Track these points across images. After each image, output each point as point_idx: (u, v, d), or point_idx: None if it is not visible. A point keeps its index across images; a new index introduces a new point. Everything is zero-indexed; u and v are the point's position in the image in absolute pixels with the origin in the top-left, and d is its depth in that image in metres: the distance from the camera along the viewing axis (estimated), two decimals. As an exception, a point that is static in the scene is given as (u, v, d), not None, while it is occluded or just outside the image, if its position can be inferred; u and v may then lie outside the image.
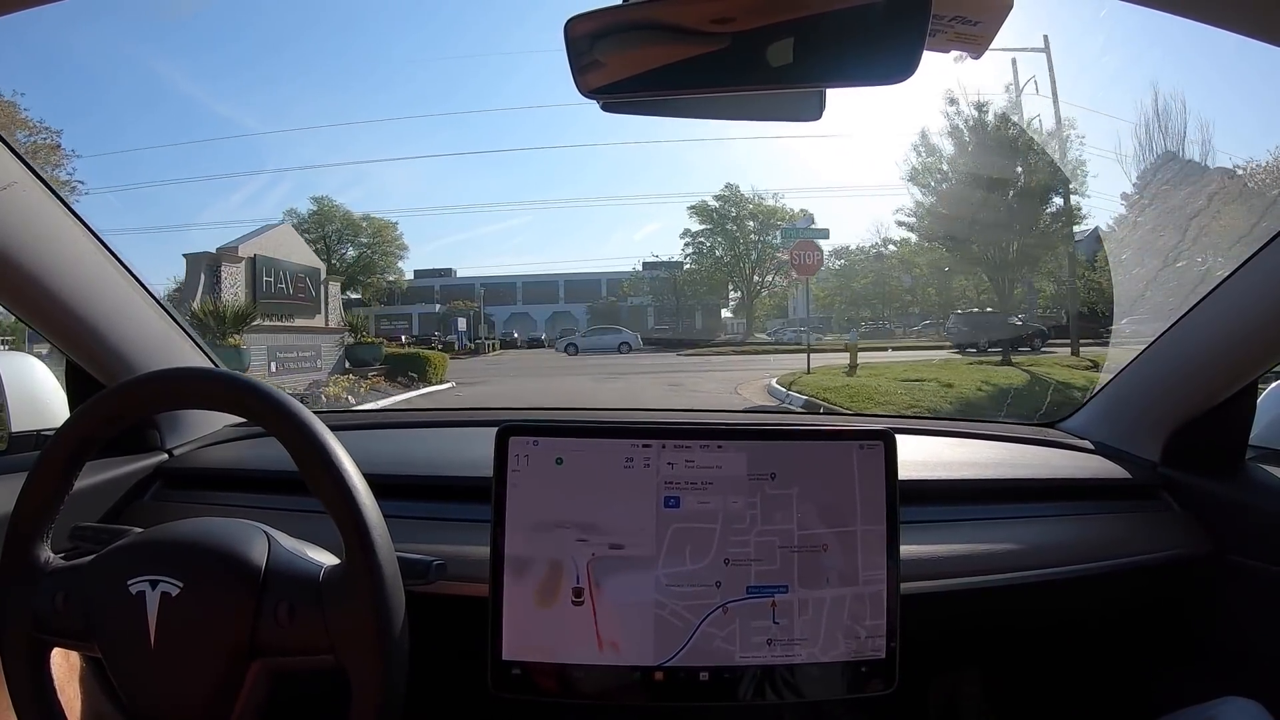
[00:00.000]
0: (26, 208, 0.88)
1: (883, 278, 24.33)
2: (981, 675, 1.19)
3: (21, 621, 0.64)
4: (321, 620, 0.61)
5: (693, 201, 26.97)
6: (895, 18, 0.57)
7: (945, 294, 21.13)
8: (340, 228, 26.20)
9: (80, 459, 0.67)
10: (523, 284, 32.16)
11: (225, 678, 0.61)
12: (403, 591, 0.63)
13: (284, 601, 0.62)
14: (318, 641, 0.61)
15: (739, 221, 26.69)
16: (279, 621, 0.61)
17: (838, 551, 0.79)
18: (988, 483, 1.06)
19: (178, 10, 29.42)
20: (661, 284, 28.66)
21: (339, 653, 0.61)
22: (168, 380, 0.69)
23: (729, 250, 27.01)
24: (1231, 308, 0.96)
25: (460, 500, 0.98)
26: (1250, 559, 0.97)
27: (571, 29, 0.59)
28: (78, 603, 0.64)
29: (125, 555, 0.65)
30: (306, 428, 0.63)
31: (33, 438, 1.05)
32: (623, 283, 29.94)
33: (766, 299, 28.14)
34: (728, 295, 28.54)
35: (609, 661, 0.77)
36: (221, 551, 0.64)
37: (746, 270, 26.83)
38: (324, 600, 0.62)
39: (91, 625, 0.63)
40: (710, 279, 27.65)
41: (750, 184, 28.81)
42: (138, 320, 1.07)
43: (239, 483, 1.08)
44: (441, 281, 30.74)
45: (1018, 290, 15.07)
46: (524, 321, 30.39)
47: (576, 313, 29.81)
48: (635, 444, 0.80)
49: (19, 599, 0.64)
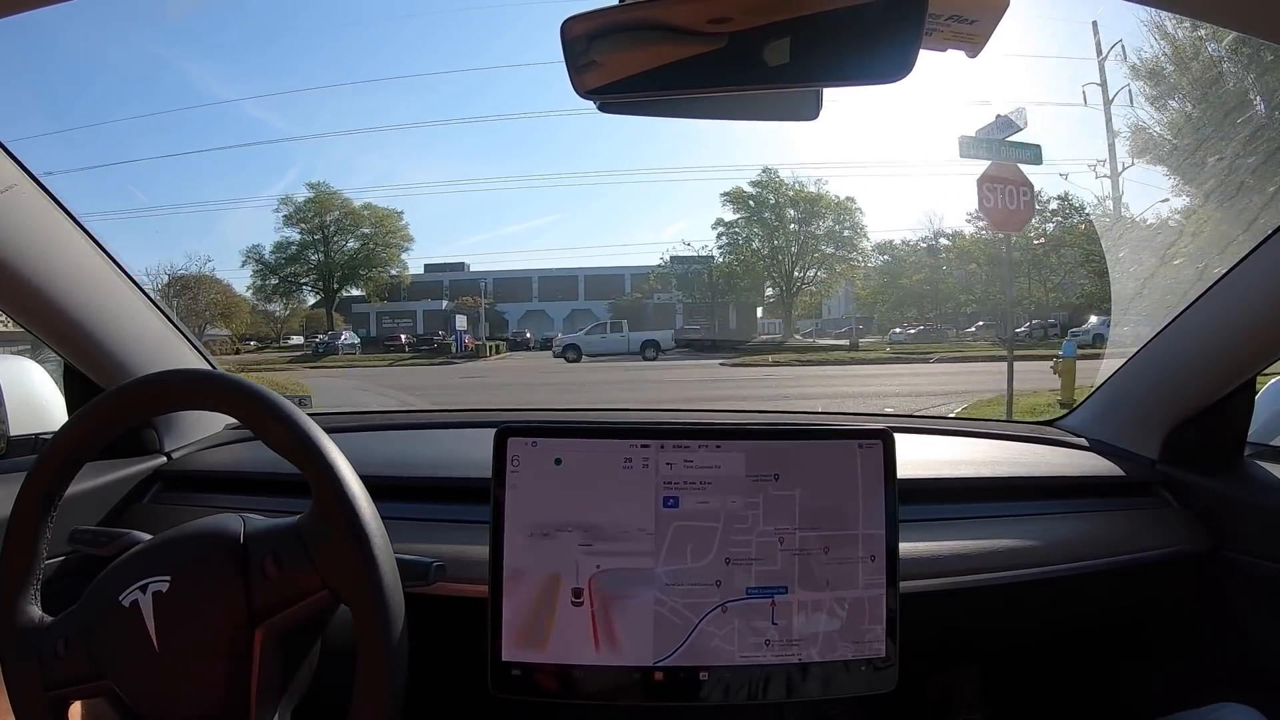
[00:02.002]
0: (24, 211, 0.88)
1: (936, 274, 21.89)
2: (980, 673, 1.19)
3: (32, 684, 0.64)
4: (308, 560, 0.62)
5: (726, 186, 23.82)
6: (892, 17, 0.57)
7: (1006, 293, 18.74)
8: (340, 217, 24.22)
9: (76, 465, 0.67)
10: (539, 279, 28.79)
11: (234, 654, 0.61)
12: (381, 521, 0.63)
13: (268, 554, 0.62)
14: (310, 582, 0.62)
15: (778, 210, 23.60)
16: (267, 575, 0.62)
17: (838, 553, 0.79)
18: (986, 481, 1.06)
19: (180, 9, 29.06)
20: (693, 278, 25.15)
21: (332, 586, 0.61)
22: (164, 383, 0.69)
23: (766, 241, 23.94)
24: (1229, 304, 0.96)
25: (459, 501, 0.98)
26: (1249, 556, 0.98)
27: (568, 29, 0.59)
28: (78, 643, 0.64)
29: (110, 577, 0.65)
30: (300, 428, 0.63)
31: (31, 441, 1.05)
32: (648, 276, 26.45)
33: (806, 297, 24.85)
34: (764, 292, 25.31)
35: (608, 661, 0.77)
36: (200, 537, 0.65)
37: (786, 264, 23.64)
38: (306, 542, 0.62)
39: (97, 660, 0.63)
40: (750, 271, 24.33)
41: (790, 169, 25.01)
42: (135, 323, 1.07)
43: (238, 485, 1.08)
44: (451, 276, 28.07)
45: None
46: (539, 320, 27.11)
47: (597, 310, 25.58)
48: (634, 444, 0.80)
49: (23, 663, 0.64)
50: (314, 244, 23.98)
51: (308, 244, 24.03)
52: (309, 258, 24.10)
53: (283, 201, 24.03)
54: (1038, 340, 16.65)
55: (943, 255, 22.01)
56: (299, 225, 23.80)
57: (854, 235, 23.51)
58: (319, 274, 24.21)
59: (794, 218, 23.63)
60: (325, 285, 24.24)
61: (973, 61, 0.70)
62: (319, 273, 24.19)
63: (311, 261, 24.11)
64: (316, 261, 24.07)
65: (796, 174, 23.82)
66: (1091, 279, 17.04)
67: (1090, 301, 16.73)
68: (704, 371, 13.48)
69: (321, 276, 24.21)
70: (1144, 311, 1.56)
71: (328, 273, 24.05)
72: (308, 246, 24.03)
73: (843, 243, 23.61)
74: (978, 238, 19.87)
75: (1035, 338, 17.37)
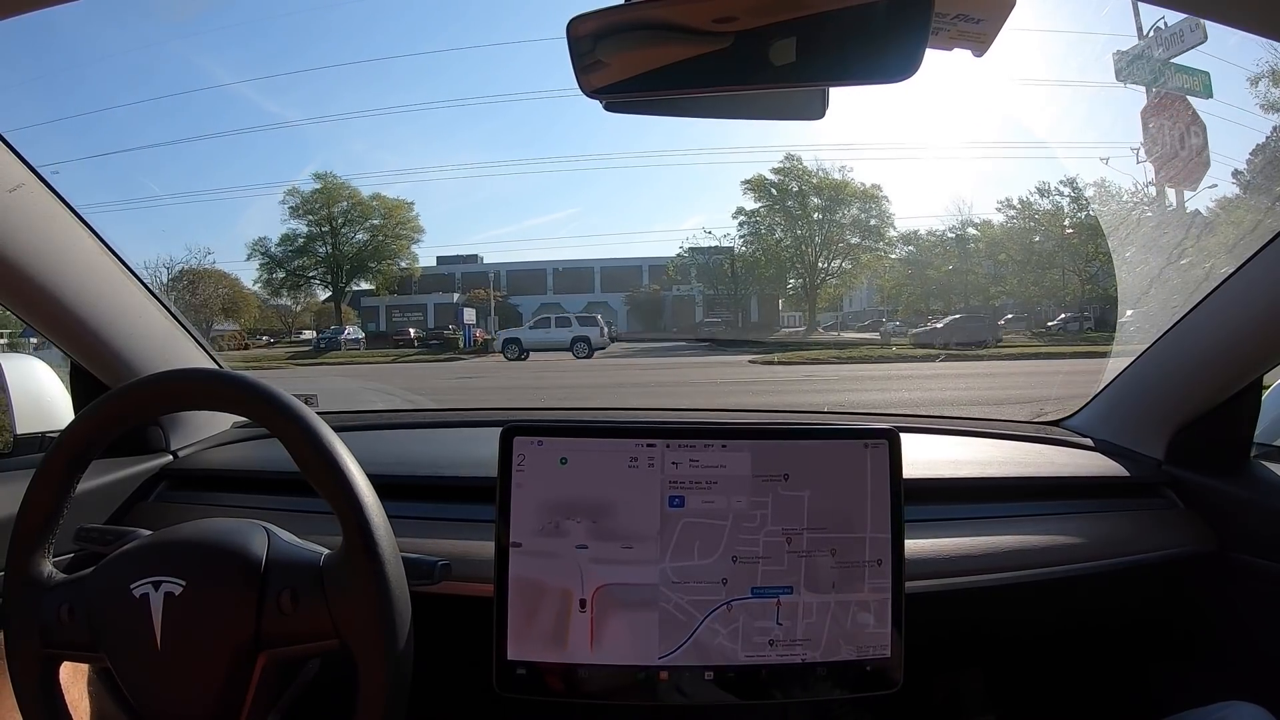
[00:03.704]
0: (32, 210, 0.88)
1: (965, 265, 20.90)
2: (985, 674, 1.19)
3: (29, 637, 0.64)
4: (324, 605, 0.61)
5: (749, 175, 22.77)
6: (897, 16, 0.56)
7: (1040, 284, 18.45)
8: (348, 207, 23.50)
9: (83, 462, 0.68)
10: (554, 271, 27.72)
11: (233, 673, 0.62)
12: (404, 575, 0.63)
13: (286, 589, 0.62)
14: (322, 627, 0.62)
15: (801, 198, 22.59)
16: (282, 610, 0.62)
17: (845, 554, 0.79)
18: (991, 481, 1.05)
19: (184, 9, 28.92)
20: (713, 269, 24.16)
21: (344, 637, 0.61)
22: (170, 382, 0.70)
23: (789, 231, 22.87)
24: (1235, 304, 0.95)
25: (465, 501, 0.99)
26: (1255, 557, 0.97)
27: (573, 29, 0.59)
28: (83, 614, 0.64)
29: (126, 561, 0.65)
30: (309, 427, 0.63)
31: (38, 440, 1.05)
32: (667, 266, 25.48)
33: (829, 289, 23.47)
34: (786, 283, 24.05)
35: (613, 660, 0.78)
36: (222, 548, 0.65)
37: (810, 255, 22.64)
38: (326, 585, 0.62)
39: (97, 635, 0.64)
40: (775, 261, 23.12)
41: (813, 154, 22.62)
42: (142, 321, 1.08)
43: (244, 483, 1.08)
44: (464, 269, 27.03)
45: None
46: (554, 313, 25.14)
47: (614, 303, 25.41)
48: (639, 444, 0.80)
49: (25, 615, 0.65)
50: (322, 236, 23.48)
51: (315, 236, 23.55)
52: (317, 250, 23.64)
53: (289, 193, 23.64)
54: (1073, 335, 16.05)
55: (971, 246, 21.20)
56: (306, 217, 23.36)
57: (880, 224, 22.67)
58: (327, 267, 23.75)
59: (818, 206, 22.65)
60: (333, 278, 23.80)
61: (1005, 32, 0.69)
62: (327, 265, 23.74)
63: (319, 254, 23.66)
64: (324, 254, 23.62)
65: (820, 161, 22.70)
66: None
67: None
68: (733, 370, 11.78)
69: (330, 269, 23.76)
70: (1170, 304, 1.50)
71: (336, 265, 23.59)
72: (315, 239, 23.56)
73: (869, 232, 22.73)
74: (1008, 227, 19.22)
75: (1070, 331, 16.77)
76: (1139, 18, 9.19)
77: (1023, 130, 37.15)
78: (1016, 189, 25.30)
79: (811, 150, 22.90)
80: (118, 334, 1.03)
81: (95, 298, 0.99)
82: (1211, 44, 5.82)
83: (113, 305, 1.02)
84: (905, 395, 7.90)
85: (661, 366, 12.70)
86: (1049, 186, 19.06)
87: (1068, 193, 18.75)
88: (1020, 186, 29.09)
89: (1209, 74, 5.53)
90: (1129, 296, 1.81)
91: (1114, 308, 15.30)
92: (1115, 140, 23.04)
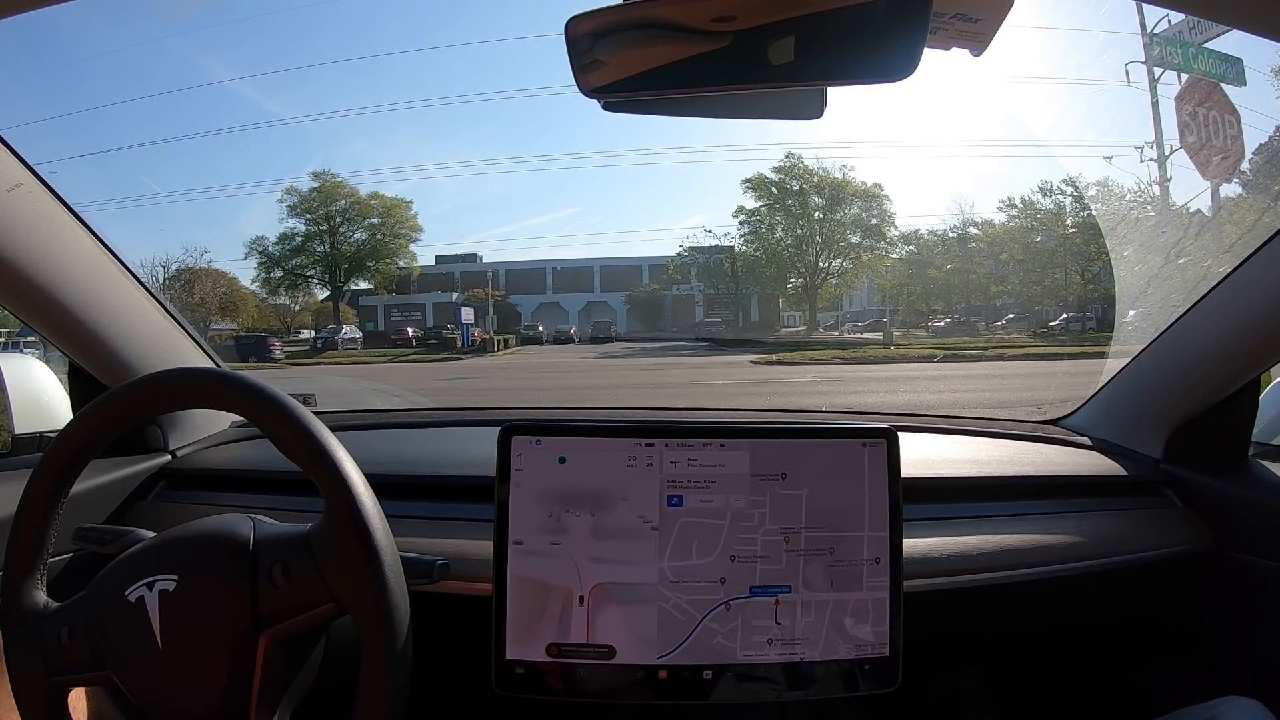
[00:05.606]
0: (31, 210, 0.88)
1: (967, 264, 21.02)
2: (984, 673, 1.19)
3: (33, 669, 0.64)
4: (316, 571, 0.62)
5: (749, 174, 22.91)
6: (896, 16, 0.57)
7: (1042, 284, 18.22)
8: (346, 206, 23.63)
9: (82, 462, 0.68)
10: (553, 270, 28.25)
11: (237, 661, 0.62)
12: (391, 533, 0.64)
13: (277, 564, 0.63)
14: (316, 593, 0.62)
15: (801, 197, 22.90)
16: (275, 583, 0.62)
17: (843, 553, 0.79)
18: (990, 480, 1.05)
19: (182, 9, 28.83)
20: (714, 268, 24.37)
21: (338, 598, 0.62)
22: (168, 381, 0.69)
23: (790, 230, 23.17)
24: (1234, 303, 0.95)
25: (463, 500, 0.98)
26: (1253, 555, 0.97)
27: (572, 29, 0.59)
28: (82, 633, 0.64)
29: (118, 570, 0.66)
30: (305, 427, 0.63)
31: (36, 439, 1.05)
32: (667, 266, 25.91)
33: (830, 288, 23.61)
34: (786, 283, 24.24)
35: (612, 659, 0.78)
36: (210, 538, 0.65)
37: (811, 254, 22.82)
38: (315, 553, 0.63)
39: (100, 651, 0.64)
40: (776, 260, 23.32)
41: (815, 154, 23.18)
42: (140, 321, 1.07)
43: (243, 483, 1.08)
44: (463, 268, 27.60)
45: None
46: (554, 312, 26.26)
47: (613, 302, 26.20)
48: (638, 443, 0.80)
49: (26, 646, 0.65)
50: (320, 235, 23.53)
51: (313, 235, 23.62)
52: (315, 249, 23.66)
53: (287, 191, 23.69)
54: (1075, 335, 15.99)
55: (972, 245, 21.24)
56: (304, 215, 23.41)
57: (881, 223, 22.79)
58: (325, 266, 23.75)
59: (819, 205, 22.77)
60: (331, 278, 23.79)
61: (1005, 31, 0.69)
62: (325, 264, 23.73)
63: (317, 253, 23.68)
64: (322, 253, 23.64)
65: (821, 159, 23.01)
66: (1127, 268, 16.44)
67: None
68: (733, 372, 11.65)
69: (328, 268, 23.76)
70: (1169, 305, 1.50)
71: (334, 264, 23.61)
72: (313, 237, 23.63)
73: (870, 231, 22.85)
74: (1010, 226, 19.18)
75: (1072, 331, 16.73)
76: (1142, 15, 9.24)
77: (1023, 129, 37.13)
78: (1018, 188, 25.32)
79: (812, 149, 23.01)
80: (116, 333, 1.03)
81: (93, 297, 0.99)
82: (1211, 44, 5.85)
83: (111, 305, 1.02)
84: (912, 398, 7.90)
85: (662, 367, 12.72)
86: (1051, 185, 19.11)
87: (1069, 192, 18.72)
88: (1022, 185, 29.19)
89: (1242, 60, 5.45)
90: (1127, 295, 1.82)
91: (1114, 307, 15.17)
92: (1115, 139, 23.08)
